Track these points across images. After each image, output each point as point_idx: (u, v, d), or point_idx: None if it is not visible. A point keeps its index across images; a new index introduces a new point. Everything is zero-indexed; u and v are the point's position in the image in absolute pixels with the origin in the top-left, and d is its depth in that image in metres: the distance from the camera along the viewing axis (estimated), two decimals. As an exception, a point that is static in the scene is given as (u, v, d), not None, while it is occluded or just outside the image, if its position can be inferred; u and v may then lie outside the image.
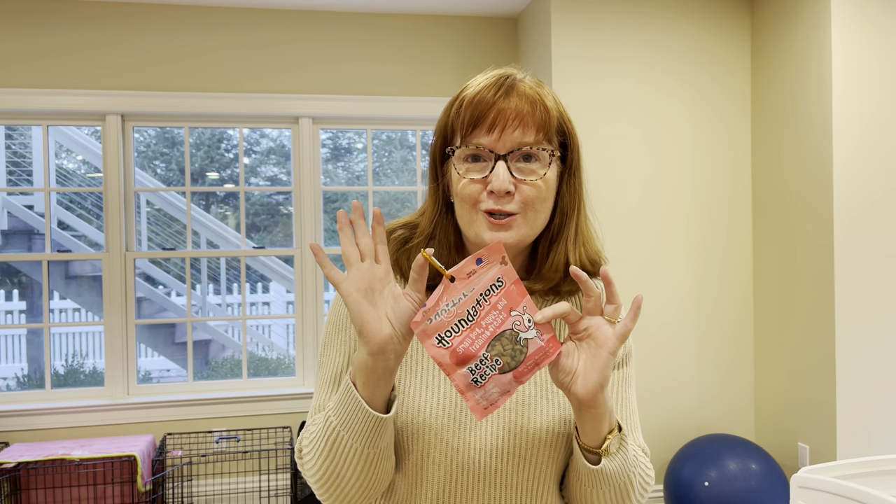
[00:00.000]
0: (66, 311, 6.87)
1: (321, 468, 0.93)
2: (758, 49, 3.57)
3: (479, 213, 0.95)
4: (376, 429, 0.88)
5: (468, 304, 0.86)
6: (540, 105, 0.98)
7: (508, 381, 0.86)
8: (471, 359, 0.85)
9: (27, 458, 3.10)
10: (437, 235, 1.03)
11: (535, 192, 0.96)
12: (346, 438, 0.89)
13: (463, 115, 0.96)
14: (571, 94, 3.44)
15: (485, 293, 0.87)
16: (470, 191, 0.95)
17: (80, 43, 3.56)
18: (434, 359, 0.85)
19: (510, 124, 0.94)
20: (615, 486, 0.96)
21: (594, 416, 0.90)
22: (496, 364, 0.86)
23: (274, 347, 7.12)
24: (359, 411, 0.87)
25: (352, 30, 3.80)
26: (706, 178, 3.59)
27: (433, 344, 0.85)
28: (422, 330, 0.85)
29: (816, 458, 3.18)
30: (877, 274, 3.07)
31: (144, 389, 3.71)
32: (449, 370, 0.85)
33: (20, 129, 6.04)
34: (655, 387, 3.55)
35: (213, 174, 6.88)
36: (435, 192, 1.03)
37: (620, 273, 3.49)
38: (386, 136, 6.31)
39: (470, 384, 0.85)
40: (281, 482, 3.63)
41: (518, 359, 0.86)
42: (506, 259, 0.88)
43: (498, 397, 0.86)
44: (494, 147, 0.94)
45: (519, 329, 0.87)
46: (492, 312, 0.86)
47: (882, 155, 3.07)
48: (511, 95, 0.95)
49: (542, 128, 0.97)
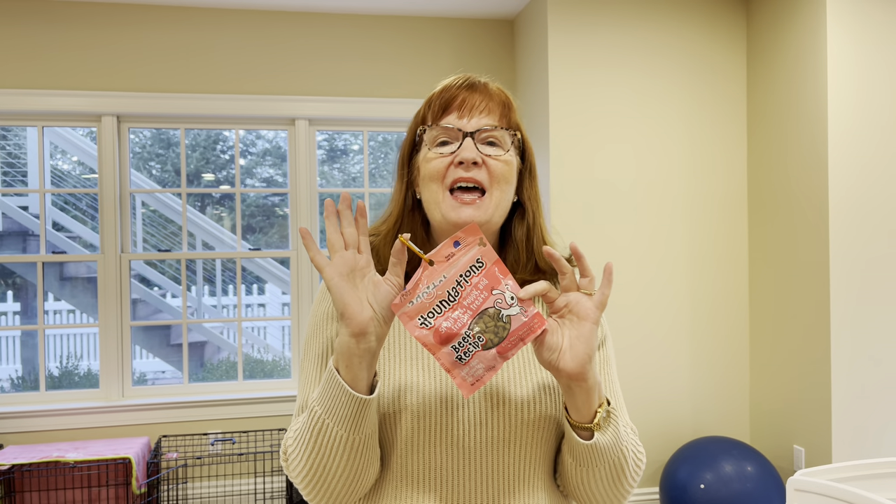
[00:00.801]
0: (61, 313, 6.85)
1: (307, 463, 0.94)
2: (753, 51, 3.58)
3: (445, 192, 1.00)
4: (361, 412, 0.90)
5: (448, 286, 0.89)
6: (503, 98, 1.06)
7: (492, 356, 0.88)
8: (454, 337, 0.87)
9: (21, 461, 3.09)
10: (404, 231, 1.06)
11: (501, 167, 1.01)
12: (331, 426, 0.91)
13: (434, 104, 1.04)
14: (567, 96, 3.45)
15: (465, 274, 0.89)
16: (437, 165, 1.01)
17: (76, 43, 3.55)
18: (418, 339, 0.87)
19: (476, 107, 1.03)
20: (610, 462, 0.98)
21: (584, 389, 0.92)
22: (479, 341, 0.88)
23: (269, 349, 7.11)
24: (342, 395, 0.89)
25: (348, 31, 3.79)
26: (702, 180, 3.60)
27: (416, 325, 0.87)
28: (403, 312, 0.88)
29: (811, 460, 3.19)
30: (873, 276, 3.08)
31: (139, 391, 3.70)
32: (433, 349, 0.87)
33: (15, 129, 6.02)
34: (651, 389, 3.55)
35: (208, 175, 6.87)
36: (401, 188, 1.08)
37: (615, 277, 3.50)
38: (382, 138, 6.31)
39: (455, 361, 0.87)
40: (276, 485, 3.62)
41: (501, 335, 0.88)
42: (483, 240, 0.90)
43: (483, 373, 0.88)
44: (462, 126, 1.02)
45: (501, 306, 0.89)
46: (473, 292, 0.89)
47: (877, 156, 3.08)
48: (477, 89, 1.05)
49: (504, 116, 1.05)
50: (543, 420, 1.01)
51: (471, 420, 0.99)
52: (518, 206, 1.09)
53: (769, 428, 3.50)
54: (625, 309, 3.51)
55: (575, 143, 3.45)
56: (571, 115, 3.45)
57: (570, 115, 3.45)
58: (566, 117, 3.44)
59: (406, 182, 1.08)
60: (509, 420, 1.00)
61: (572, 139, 3.45)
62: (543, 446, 1.03)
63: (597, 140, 3.48)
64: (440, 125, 1.02)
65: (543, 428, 1.01)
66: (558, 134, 3.42)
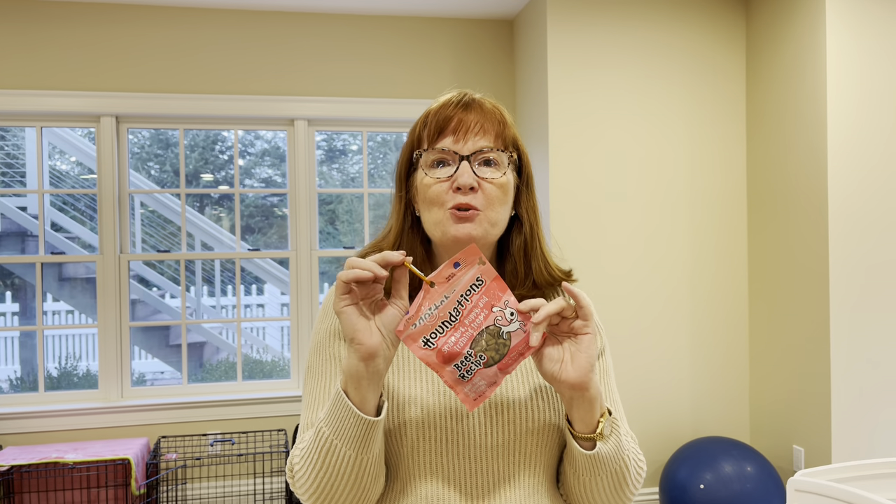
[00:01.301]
0: (60, 314, 6.84)
1: (314, 482, 0.95)
2: (753, 50, 3.58)
3: (445, 212, 1.01)
4: (368, 433, 0.92)
5: (450, 307, 0.91)
6: (498, 116, 1.07)
7: (494, 373, 0.91)
8: (456, 356, 0.90)
9: (20, 462, 3.08)
10: (404, 247, 1.08)
11: (496, 190, 1.03)
12: (338, 447, 0.92)
13: (429, 125, 1.05)
14: (567, 95, 3.44)
15: (465, 293, 0.91)
16: (437, 190, 1.02)
17: (74, 44, 3.55)
18: (422, 359, 0.90)
19: (471, 129, 1.03)
20: (612, 471, 0.99)
21: (586, 399, 0.94)
22: (480, 359, 0.90)
23: (269, 350, 7.10)
24: (350, 417, 0.91)
25: (347, 32, 3.79)
26: (701, 178, 3.60)
27: (419, 346, 0.90)
28: (407, 335, 0.90)
29: (811, 460, 3.18)
30: (873, 276, 3.08)
31: (138, 392, 3.69)
32: (437, 368, 0.90)
33: (13, 130, 6.01)
34: (650, 389, 3.55)
35: (207, 176, 6.86)
36: (400, 208, 1.09)
37: (614, 276, 3.50)
38: (381, 139, 6.31)
39: (458, 379, 0.90)
40: (276, 485, 3.62)
41: (501, 352, 0.91)
42: (483, 259, 0.92)
43: (485, 388, 0.91)
44: (458, 150, 1.02)
45: (501, 324, 0.91)
46: (473, 311, 0.91)
47: (877, 154, 3.08)
48: (472, 108, 1.05)
49: (499, 136, 1.05)
50: (546, 428, 1.02)
51: (473, 429, 1.00)
52: (516, 219, 1.10)
53: (769, 428, 3.50)
54: (625, 309, 3.50)
55: (574, 142, 3.45)
56: (571, 115, 3.45)
57: (570, 114, 3.45)
58: (565, 117, 3.44)
59: (405, 201, 1.09)
60: (512, 428, 1.01)
61: (571, 139, 3.44)
62: (546, 454, 1.04)
63: (596, 139, 3.48)
64: (436, 148, 1.03)
65: (546, 436, 1.03)
66: (557, 134, 3.42)
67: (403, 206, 1.09)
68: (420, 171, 1.05)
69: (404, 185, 1.09)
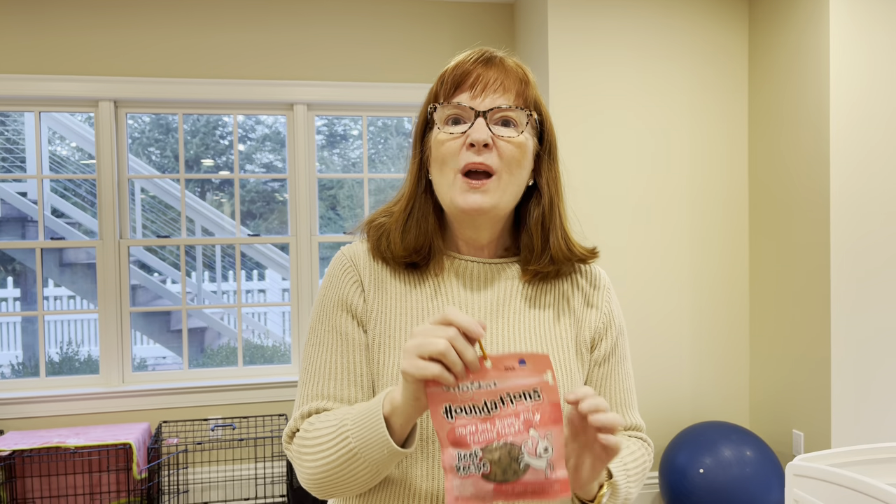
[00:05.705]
0: (61, 299, 6.86)
1: (324, 472, 0.93)
2: (755, 40, 3.55)
3: (456, 175, 0.96)
4: (392, 459, 0.89)
5: (490, 396, 0.81)
6: (520, 74, 1.00)
7: (487, 490, 0.81)
8: (464, 446, 0.81)
9: (22, 446, 3.10)
10: (416, 214, 1.02)
11: (512, 150, 0.96)
12: (360, 462, 0.90)
13: (446, 80, 0.99)
14: (567, 80, 3.42)
15: (513, 395, 0.81)
16: (449, 146, 0.97)
17: (73, 28, 3.52)
18: (434, 425, 0.82)
19: (490, 85, 0.97)
20: None
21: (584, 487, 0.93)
22: (483, 467, 0.81)
23: (269, 335, 7.12)
24: (383, 446, 0.88)
25: (347, 15, 3.76)
26: (703, 166, 3.58)
27: (439, 410, 0.81)
28: (434, 392, 0.82)
29: (811, 445, 3.19)
30: (873, 261, 3.07)
31: (140, 377, 3.70)
32: (442, 443, 0.82)
33: (12, 115, 5.99)
34: (651, 374, 3.55)
35: (207, 161, 6.84)
36: (415, 168, 1.04)
37: (616, 262, 3.49)
38: (382, 123, 6.28)
39: (453, 466, 0.81)
40: (277, 470, 3.64)
41: (507, 476, 0.81)
42: (552, 376, 0.82)
43: (470, 497, 0.81)
44: (475, 105, 0.96)
45: (527, 450, 0.81)
46: (510, 417, 0.81)
47: (879, 148, 3.06)
48: (492, 64, 0.99)
49: (520, 94, 0.99)
50: None
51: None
52: (535, 188, 1.04)
53: (768, 413, 3.51)
54: (626, 296, 3.50)
55: (575, 126, 3.43)
56: (572, 99, 3.43)
57: (571, 98, 3.43)
58: (566, 101, 3.42)
59: (419, 161, 1.03)
60: None
61: (573, 123, 3.42)
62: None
63: (598, 124, 3.46)
64: (452, 103, 0.97)
65: None
66: (559, 118, 3.40)
67: (418, 167, 1.03)
68: (434, 128, 0.99)
69: (419, 145, 1.03)
